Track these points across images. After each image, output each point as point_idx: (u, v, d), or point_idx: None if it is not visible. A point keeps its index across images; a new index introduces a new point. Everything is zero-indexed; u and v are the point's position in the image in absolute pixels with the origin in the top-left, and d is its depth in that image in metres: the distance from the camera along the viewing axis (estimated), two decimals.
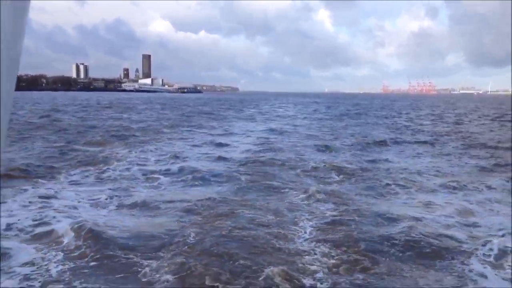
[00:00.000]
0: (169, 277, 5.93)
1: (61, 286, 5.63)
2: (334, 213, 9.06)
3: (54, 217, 8.34)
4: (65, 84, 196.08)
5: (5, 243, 6.93)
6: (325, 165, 14.46)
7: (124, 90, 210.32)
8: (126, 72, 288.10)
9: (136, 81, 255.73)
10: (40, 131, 24.33)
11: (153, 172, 13.08)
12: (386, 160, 16.04)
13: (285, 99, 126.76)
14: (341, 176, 12.89)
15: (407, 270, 6.27)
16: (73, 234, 7.45)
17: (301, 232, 7.87)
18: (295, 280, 5.85)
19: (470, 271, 6.21)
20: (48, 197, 9.84)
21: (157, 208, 9.28)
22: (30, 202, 9.39)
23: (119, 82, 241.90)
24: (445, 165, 15.24)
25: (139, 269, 6.18)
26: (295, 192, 10.78)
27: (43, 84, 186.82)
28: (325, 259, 6.62)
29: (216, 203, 9.62)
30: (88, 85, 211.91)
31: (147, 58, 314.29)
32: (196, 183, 11.79)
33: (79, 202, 9.65)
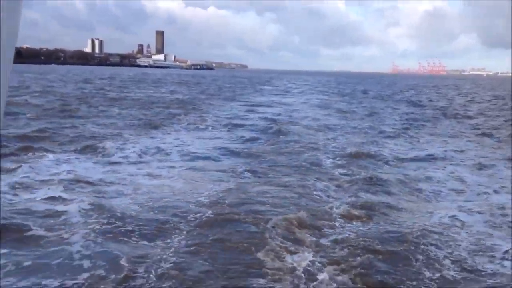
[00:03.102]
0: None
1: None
2: None
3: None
4: (82, 58, 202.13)
5: None
6: None
7: (139, 66, 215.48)
8: (141, 48, 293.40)
9: (150, 57, 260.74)
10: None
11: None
12: None
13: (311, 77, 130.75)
14: None
15: None
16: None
17: None
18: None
19: None
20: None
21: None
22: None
23: (134, 57, 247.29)
24: None
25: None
26: None
27: (61, 59, 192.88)
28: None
29: None
30: (105, 60, 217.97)
31: (160, 34, 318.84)
32: None
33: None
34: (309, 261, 5.94)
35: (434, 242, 6.64)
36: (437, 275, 5.64)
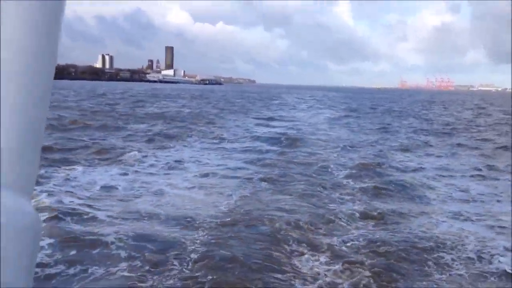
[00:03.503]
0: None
1: None
2: None
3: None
4: (93, 74, 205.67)
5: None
6: None
7: (149, 81, 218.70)
8: (151, 63, 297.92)
9: (159, 72, 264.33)
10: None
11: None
12: None
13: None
14: None
15: None
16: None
17: None
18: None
19: None
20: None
21: None
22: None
23: (144, 72, 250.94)
24: None
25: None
26: None
27: (73, 74, 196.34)
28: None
29: None
30: (115, 76, 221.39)
31: (169, 50, 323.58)
32: None
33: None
34: (324, 262, 6.48)
35: (442, 246, 7.16)
36: (447, 276, 6.15)
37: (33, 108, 0.61)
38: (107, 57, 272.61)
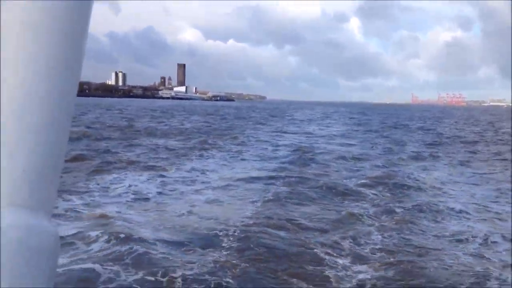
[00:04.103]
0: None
1: None
2: None
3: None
4: (106, 91, 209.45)
5: None
6: None
7: (161, 98, 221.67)
8: (163, 80, 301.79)
9: (171, 89, 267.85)
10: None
11: None
12: None
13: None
14: None
15: None
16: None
17: None
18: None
19: None
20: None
21: None
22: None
23: (156, 89, 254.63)
24: None
25: None
26: None
27: (86, 91, 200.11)
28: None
29: None
30: (128, 92, 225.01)
31: (181, 67, 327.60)
32: None
33: None
34: (347, 263, 7.10)
35: (454, 245, 7.98)
36: (461, 268, 6.90)
37: (56, 127, 0.59)
38: (120, 74, 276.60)
